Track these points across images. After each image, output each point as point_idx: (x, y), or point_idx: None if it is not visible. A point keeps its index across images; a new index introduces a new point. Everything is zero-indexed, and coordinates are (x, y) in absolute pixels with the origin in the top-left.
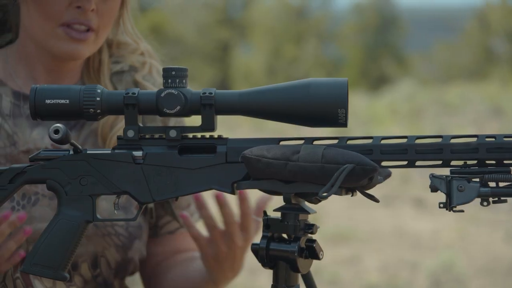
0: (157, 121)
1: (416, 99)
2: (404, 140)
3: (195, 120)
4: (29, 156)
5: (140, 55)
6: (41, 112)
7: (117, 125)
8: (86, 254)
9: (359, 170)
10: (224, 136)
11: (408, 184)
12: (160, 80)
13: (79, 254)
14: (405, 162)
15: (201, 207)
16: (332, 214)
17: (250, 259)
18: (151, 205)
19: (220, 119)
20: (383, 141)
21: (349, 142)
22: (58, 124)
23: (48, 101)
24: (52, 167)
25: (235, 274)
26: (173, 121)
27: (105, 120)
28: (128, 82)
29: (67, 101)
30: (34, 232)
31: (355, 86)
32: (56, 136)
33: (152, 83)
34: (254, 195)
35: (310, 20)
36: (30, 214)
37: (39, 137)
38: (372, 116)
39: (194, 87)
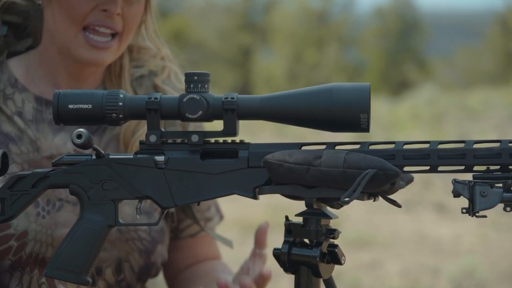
0: (176, 125)
1: (437, 104)
2: (427, 145)
3: (216, 125)
4: (52, 161)
5: (160, 60)
6: (64, 117)
7: (139, 131)
8: (110, 259)
9: (381, 175)
10: (246, 141)
11: (429, 188)
12: (178, 85)
13: (103, 259)
14: (427, 167)
15: None
16: (352, 218)
17: (271, 263)
18: (172, 209)
19: (241, 124)
20: (405, 146)
21: (371, 147)
22: (81, 129)
23: (71, 106)
24: (75, 171)
25: None
26: (192, 126)
27: (127, 126)
28: (148, 87)
29: (90, 106)
30: (60, 236)
31: (376, 91)
32: (79, 141)
33: (171, 87)
34: (275, 200)
35: (331, 25)
36: (55, 219)
37: (61, 143)
38: (393, 121)
39: (215, 92)
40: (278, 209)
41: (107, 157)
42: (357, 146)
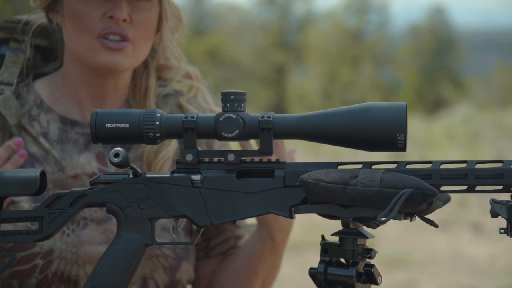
0: (201, 143)
1: (473, 122)
2: (464, 165)
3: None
4: (90, 180)
5: (188, 79)
6: (101, 136)
7: (161, 152)
8: (135, 276)
9: (418, 195)
10: (279, 159)
11: (465, 208)
12: (203, 105)
13: None
14: (464, 187)
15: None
16: (388, 238)
17: (307, 283)
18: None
19: None
20: (442, 166)
21: (408, 166)
22: (118, 148)
23: (108, 125)
24: (112, 190)
25: (289, 223)
26: (218, 144)
27: (150, 147)
28: (173, 105)
29: (127, 125)
30: (85, 254)
31: (411, 110)
32: (116, 160)
33: (195, 107)
34: (309, 219)
35: (366, 43)
36: (80, 237)
37: (86, 162)
38: (428, 140)
39: (249, 110)
40: (313, 228)
41: (144, 176)
42: (394, 166)
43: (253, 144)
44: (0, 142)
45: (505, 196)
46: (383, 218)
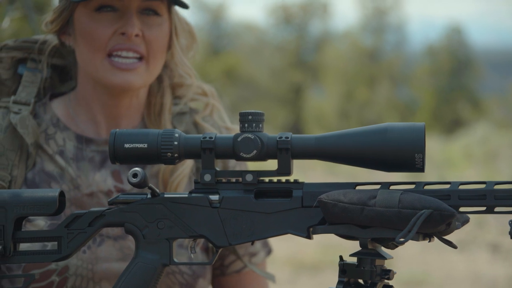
0: (216, 162)
1: (491, 142)
2: (483, 186)
3: (270, 164)
4: (108, 200)
5: (204, 96)
6: (120, 156)
7: (177, 171)
8: None
9: (437, 216)
10: (299, 180)
11: (483, 228)
12: (219, 123)
13: None
14: (483, 208)
15: None
16: (405, 258)
17: None
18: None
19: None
20: (461, 187)
21: (426, 187)
22: (136, 168)
23: (127, 145)
24: (130, 210)
25: None
26: (232, 163)
27: (166, 166)
28: (188, 123)
29: (146, 145)
30: (101, 271)
31: (428, 129)
32: (134, 180)
33: (211, 124)
34: (327, 239)
35: (383, 63)
36: (96, 254)
37: (101, 180)
38: (446, 160)
39: (266, 129)
40: (330, 248)
41: (162, 196)
42: (412, 186)
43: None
44: (18, 161)
45: None
46: (402, 239)
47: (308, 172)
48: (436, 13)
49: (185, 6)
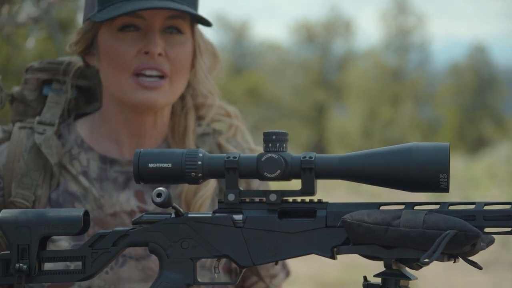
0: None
1: None
2: (508, 207)
3: (294, 184)
4: (132, 219)
5: (227, 117)
6: (144, 176)
7: (200, 192)
8: None
9: (462, 237)
10: (323, 200)
11: (507, 248)
12: (243, 144)
13: None
14: (509, 229)
15: None
16: (429, 279)
17: None
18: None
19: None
20: (486, 207)
21: (451, 207)
22: (161, 188)
23: (151, 165)
24: (155, 230)
25: None
26: (256, 183)
27: (189, 186)
28: (212, 145)
29: (170, 165)
30: None
31: (452, 149)
32: (158, 200)
33: (234, 146)
34: (350, 259)
35: (406, 82)
36: (118, 275)
37: (125, 200)
38: (470, 179)
39: (289, 148)
40: (354, 268)
41: (186, 215)
42: (436, 207)
43: None
44: (42, 181)
45: None
46: (426, 260)
47: (331, 191)
48: (459, 32)
49: (208, 24)
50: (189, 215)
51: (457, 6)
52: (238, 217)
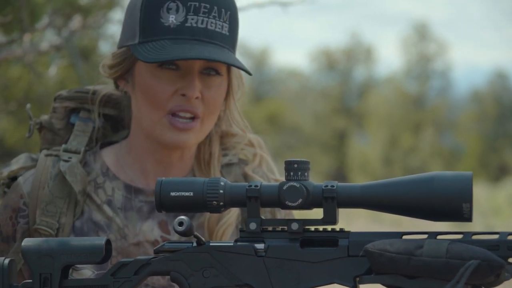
0: (265, 211)
1: None
2: None
3: (315, 213)
4: (154, 248)
5: (251, 147)
6: (166, 204)
7: (223, 219)
8: None
9: (485, 267)
10: (345, 229)
11: None
12: (268, 175)
13: None
14: None
15: None
16: None
17: None
18: None
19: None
20: (510, 237)
21: (474, 237)
22: (182, 217)
23: (173, 194)
24: (176, 259)
25: None
26: (282, 213)
27: (212, 214)
28: (237, 175)
29: (191, 193)
30: None
31: (474, 177)
32: (180, 228)
33: (260, 176)
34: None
35: (427, 109)
36: None
37: (148, 230)
38: (492, 208)
39: (310, 175)
40: None
41: (207, 244)
42: (459, 236)
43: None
44: (66, 209)
45: None
46: None
47: (352, 219)
48: (480, 59)
49: (248, 73)
50: (211, 244)
51: (478, 33)
52: (259, 246)
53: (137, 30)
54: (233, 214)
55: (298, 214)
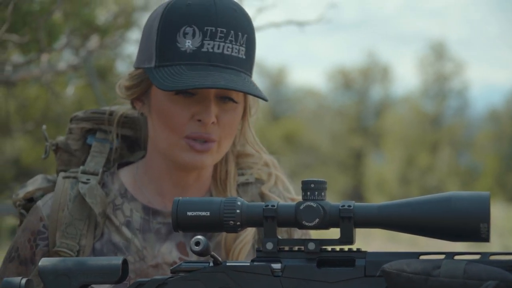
0: (281, 231)
1: None
2: None
3: (332, 233)
4: (171, 268)
5: (266, 167)
6: (182, 224)
7: (240, 237)
8: None
9: (503, 287)
10: (362, 249)
11: None
12: (285, 194)
13: None
14: None
15: None
16: None
17: None
18: None
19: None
20: None
21: (492, 257)
22: (199, 236)
23: (189, 213)
24: (193, 278)
25: None
26: (299, 233)
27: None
28: (254, 194)
29: (208, 213)
30: None
31: (491, 196)
32: (197, 248)
33: (277, 195)
34: None
35: (444, 128)
36: None
37: (167, 251)
38: (510, 228)
39: (327, 195)
40: None
41: (224, 264)
42: (477, 256)
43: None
44: (86, 231)
45: None
46: None
47: (368, 238)
48: (497, 78)
49: (264, 99)
50: (227, 264)
51: (495, 52)
52: (276, 266)
53: (153, 53)
54: (249, 233)
55: (315, 233)
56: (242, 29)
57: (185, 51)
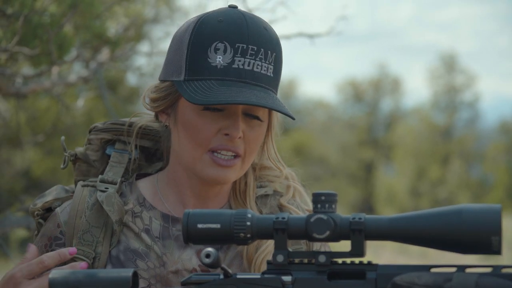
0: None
1: None
2: None
3: (343, 245)
4: (181, 280)
5: (284, 179)
6: (193, 236)
7: (262, 247)
8: None
9: None
10: (372, 261)
11: None
12: (303, 206)
13: None
14: None
15: None
16: None
17: None
18: None
19: None
20: None
21: (504, 270)
22: (209, 248)
23: (200, 226)
24: None
25: None
26: (317, 245)
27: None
28: (273, 206)
29: (219, 225)
30: None
31: (503, 209)
32: (207, 260)
33: (295, 207)
34: None
35: (455, 140)
36: None
37: (187, 258)
38: None
39: (337, 206)
40: None
41: (234, 277)
42: (489, 269)
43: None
44: (103, 238)
45: None
46: None
47: (379, 250)
48: (508, 90)
49: (292, 118)
50: (238, 276)
51: (506, 64)
52: (287, 278)
53: (183, 67)
54: (271, 243)
55: None
56: (271, 47)
57: (216, 67)
